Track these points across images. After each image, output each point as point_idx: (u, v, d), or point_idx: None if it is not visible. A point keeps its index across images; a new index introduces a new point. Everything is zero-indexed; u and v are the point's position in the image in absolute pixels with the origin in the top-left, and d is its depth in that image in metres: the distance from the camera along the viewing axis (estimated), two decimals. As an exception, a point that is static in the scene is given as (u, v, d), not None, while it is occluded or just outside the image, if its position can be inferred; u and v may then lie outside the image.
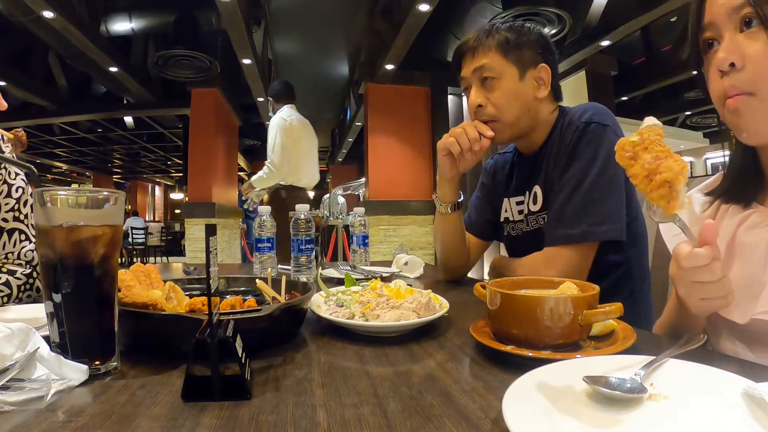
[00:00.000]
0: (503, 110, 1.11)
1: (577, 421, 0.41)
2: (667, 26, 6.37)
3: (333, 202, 7.61)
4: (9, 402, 0.44)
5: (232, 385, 0.48)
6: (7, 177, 1.03)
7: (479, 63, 1.12)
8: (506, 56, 1.10)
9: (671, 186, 0.51)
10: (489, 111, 1.12)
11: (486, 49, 1.11)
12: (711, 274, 0.55)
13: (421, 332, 0.73)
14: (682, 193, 0.51)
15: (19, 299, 0.97)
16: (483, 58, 1.11)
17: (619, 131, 1.04)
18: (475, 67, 1.12)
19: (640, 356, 0.51)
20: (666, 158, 0.52)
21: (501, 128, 1.12)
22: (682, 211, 0.52)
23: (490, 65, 1.11)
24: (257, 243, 1.31)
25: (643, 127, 0.55)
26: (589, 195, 0.99)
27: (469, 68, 1.14)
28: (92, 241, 0.54)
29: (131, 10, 5.91)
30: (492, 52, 1.11)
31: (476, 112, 1.13)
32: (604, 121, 1.03)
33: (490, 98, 1.11)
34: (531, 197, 1.15)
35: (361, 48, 6.88)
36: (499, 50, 1.11)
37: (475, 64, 1.12)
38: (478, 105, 1.12)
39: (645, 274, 1.13)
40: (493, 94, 1.11)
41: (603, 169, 1.00)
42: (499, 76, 1.11)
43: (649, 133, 0.54)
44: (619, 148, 0.55)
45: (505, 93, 1.11)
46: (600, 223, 0.99)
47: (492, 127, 1.12)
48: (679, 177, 0.51)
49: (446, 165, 1.17)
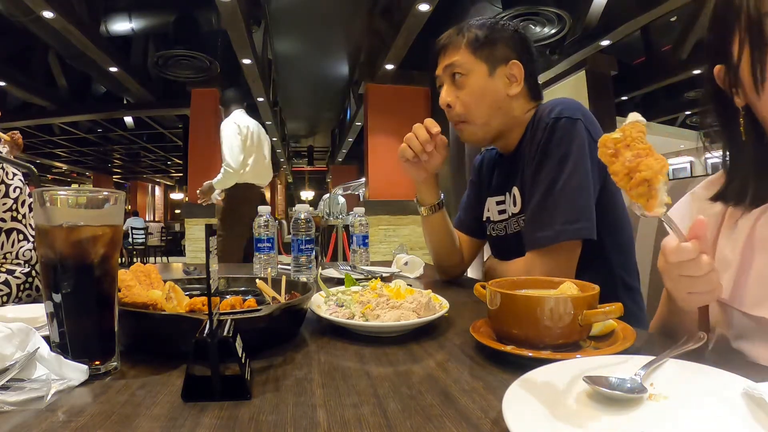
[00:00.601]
0: (471, 109, 1.10)
1: (577, 421, 0.41)
2: (667, 26, 6.37)
3: (333, 202, 7.62)
4: (9, 402, 0.44)
5: (232, 385, 0.47)
6: (5, 177, 1.03)
7: (449, 60, 1.11)
8: (475, 53, 1.09)
9: (650, 184, 0.51)
10: (458, 111, 1.11)
11: (455, 46, 1.11)
12: (698, 269, 0.55)
13: (421, 332, 0.73)
14: (661, 192, 0.51)
15: (19, 298, 0.97)
16: (453, 55, 1.11)
17: (591, 124, 1.02)
18: (445, 64, 1.12)
19: (640, 356, 0.51)
20: (647, 156, 0.52)
21: (472, 129, 1.12)
22: (661, 210, 0.51)
23: (459, 62, 1.10)
24: (257, 243, 1.31)
25: (626, 124, 0.55)
26: (561, 195, 0.97)
27: (441, 66, 1.13)
28: (92, 241, 0.54)
29: (131, 10, 5.92)
30: (462, 49, 1.10)
31: (447, 113, 1.13)
32: (573, 116, 1.00)
33: (460, 96, 1.11)
34: (511, 199, 1.13)
35: (361, 48, 6.88)
36: (469, 47, 1.10)
37: (445, 61, 1.12)
38: (447, 105, 1.12)
39: (633, 278, 1.11)
40: (462, 92, 1.10)
41: (575, 167, 0.98)
42: (467, 72, 1.09)
43: (631, 129, 0.53)
44: (601, 145, 0.55)
45: (473, 90, 1.10)
46: (572, 221, 0.96)
47: (462, 128, 1.12)
48: (658, 176, 0.50)
49: (411, 170, 1.17)
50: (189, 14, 5.71)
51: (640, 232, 1.32)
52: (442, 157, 1.15)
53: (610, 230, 1.04)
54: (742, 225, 0.68)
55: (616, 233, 1.06)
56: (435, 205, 1.21)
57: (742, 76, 0.64)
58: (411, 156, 1.12)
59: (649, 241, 1.29)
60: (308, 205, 1.41)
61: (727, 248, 0.70)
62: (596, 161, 1.00)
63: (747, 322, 0.67)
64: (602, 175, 1.02)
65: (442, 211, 1.23)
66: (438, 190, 1.22)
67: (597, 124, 1.03)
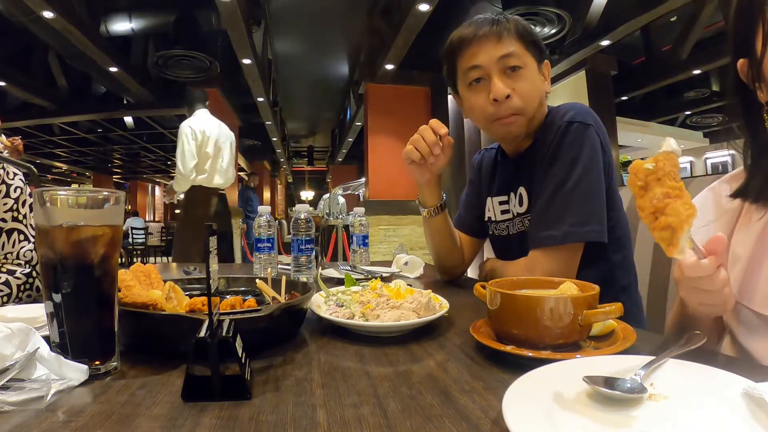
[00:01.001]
0: (528, 102, 1.05)
1: (577, 421, 0.41)
2: (667, 26, 6.38)
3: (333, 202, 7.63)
4: (9, 402, 0.44)
5: (232, 385, 0.47)
6: (6, 177, 1.03)
7: (506, 50, 1.04)
8: (527, 46, 1.06)
9: (674, 232, 0.50)
10: (515, 103, 1.04)
11: (511, 35, 1.05)
12: (712, 284, 0.56)
13: (421, 332, 0.73)
14: (683, 240, 0.50)
15: (19, 299, 0.97)
16: (509, 45, 1.04)
17: (601, 131, 1.02)
18: (501, 54, 1.04)
19: (640, 356, 0.51)
20: (676, 198, 0.50)
21: (521, 123, 1.07)
22: (680, 255, 0.51)
23: (517, 53, 1.04)
24: (257, 243, 1.31)
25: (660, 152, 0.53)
26: (571, 196, 0.97)
27: (491, 55, 1.04)
28: (92, 241, 0.54)
29: (131, 10, 5.92)
30: (515, 39, 1.05)
31: (501, 105, 1.05)
32: (586, 121, 1.01)
33: (516, 89, 1.04)
34: (516, 199, 1.13)
35: (361, 48, 6.88)
36: (521, 39, 1.05)
37: (501, 50, 1.04)
38: (506, 96, 1.04)
39: (630, 278, 1.11)
40: (519, 84, 1.04)
41: (586, 170, 0.98)
42: (524, 65, 1.05)
43: (665, 161, 0.52)
44: (632, 173, 0.53)
45: (531, 84, 1.05)
46: (582, 224, 0.96)
47: (513, 121, 1.06)
48: (683, 225, 0.49)
49: (416, 172, 1.14)
50: (189, 14, 5.71)
51: (640, 231, 1.32)
52: (447, 158, 1.12)
53: (611, 229, 1.04)
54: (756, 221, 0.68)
55: (616, 232, 1.06)
56: (437, 207, 1.19)
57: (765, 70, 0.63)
58: (418, 158, 1.09)
59: (649, 241, 1.28)
60: (308, 205, 1.41)
61: (739, 244, 0.70)
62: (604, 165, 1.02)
63: (755, 319, 0.67)
64: (608, 178, 1.03)
65: (444, 213, 1.21)
66: (440, 192, 1.20)
67: (604, 129, 1.04)
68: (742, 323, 0.70)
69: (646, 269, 1.28)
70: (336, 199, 7.78)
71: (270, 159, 14.36)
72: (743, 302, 0.68)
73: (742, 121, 0.71)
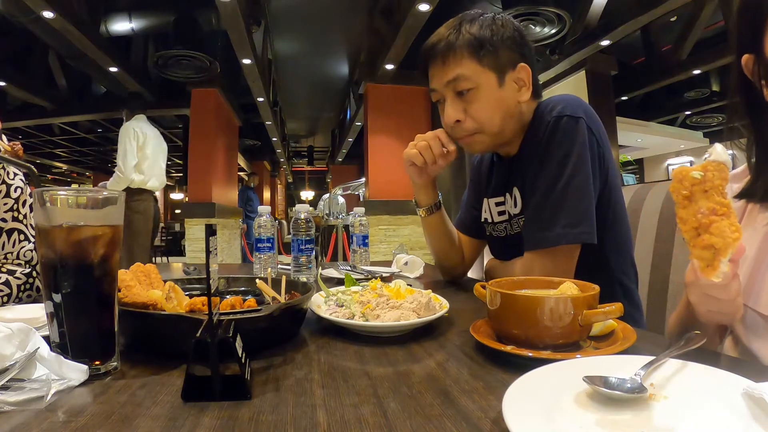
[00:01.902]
0: (484, 123, 1.02)
1: (577, 421, 0.41)
2: (667, 26, 6.38)
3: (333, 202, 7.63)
4: (9, 402, 0.44)
5: (232, 385, 0.47)
6: (6, 177, 1.03)
7: (452, 74, 1.00)
8: (481, 62, 0.99)
9: (716, 254, 0.48)
10: (468, 126, 1.03)
11: (457, 56, 0.99)
12: (725, 293, 0.55)
13: (421, 332, 0.73)
14: (723, 264, 0.48)
15: (19, 299, 0.97)
16: (456, 67, 0.99)
17: (594, 122, 0.99)
18: (447, 79, 1.00)
19: (640, 356, 0.51)
20: (722, 218, 0.48)
21: (482, 139, 1.05)
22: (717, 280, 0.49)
23: (464, 75, 0.99)
24: (257, 243, 1.31)
25: (710, 160, 0.50)
26: (563, 196, 0.95)
27: (440, 80, 1.02)
28: (92, 241, 0.54)
29: (131, 10, 5.91)
30: (465, 59, 0.99)
31: (453, 128, 1.04)
32: (575, 114, 0.97)
33: (469, 111, 1.01)
34: (512, 200, 1.11)
35: (361, 48, 6.88)
36: (473, 56, 0.98)
37: (447, 75, 1.00)
38: (456, 120, 1.02)
39: (630, 279, 1.10)
40: (471, 107, 1.01)
41: (576, 168, 0.95)
42: (476, 86, 0.99)
43: (714, 172, 0.49)
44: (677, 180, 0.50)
45: (484, 104, 1.00)
46: (574, 225, 0.94)
47: (472, 140, 1.05)
48: (728, 248, 0.47)
49: (414, 173, 1.15)
50: (189, 14, 5.71)
51: (639, 230, 1.31)
52: (447, 164, 1.13)
53: (609, 228, 1.03)
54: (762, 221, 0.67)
55: (616, 231, 1.05)
56: (432, 206, 1.20)
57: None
58: (421, 163, 1.10)
59: (649, 241, 1.28)
60: (308, 205, 1.41)
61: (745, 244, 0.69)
62: (598, 158, 0.99)
63: (760, 320, 0.67)
64: (604, 171, 1.01)
65: (440, 212, 1.21)
66: (436, 192, 1.20)
67: (598, 119, 1.01)
68: (747, 325, 0.69)
69: (646, 269, 1.27)
70: (336, 199, 7.78)
71: (270, 159, 14.37)
72: (748, 304, 0.67)
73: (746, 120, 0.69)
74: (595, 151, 0.98)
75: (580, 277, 0.71)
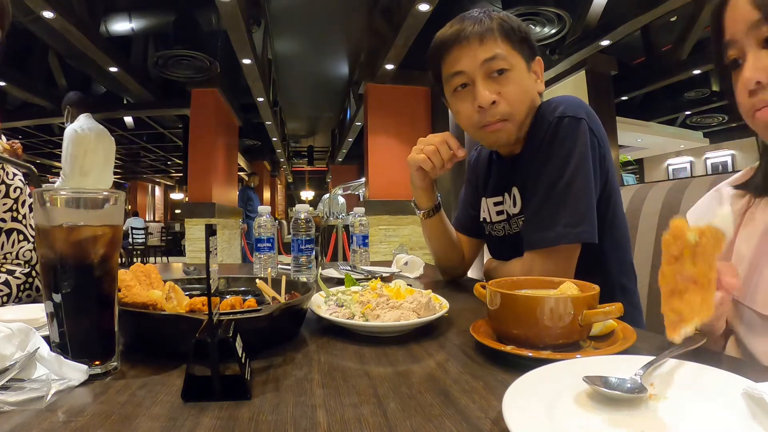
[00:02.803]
0: (516, 107, 1.00)
1: (577, 421, 0.41)
2: (667, 26, 6.38)
3: (333, 202, 7.63)
4: (9, 402, 0.44)
5: (232, 385, 0.47)
6: (5, 177, 1.03)
7: (491, 53, 0.98)
8: (514, 46, 0.99)
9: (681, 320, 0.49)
10: (502, 108, 0.99)
11: (495, 36, 0.98)
12: None
13: (421, 332, 0.73)
14: (684, 332, 0.50)
15: (19, 298, 0.97)
16: (493, 46, 0.98)
17: (595, 123, 0.99)
18: (485, 57, 0.98)
19: (640, 356, 0.51)
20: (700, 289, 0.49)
21: (510, 129, 1.02)
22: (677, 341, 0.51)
23: (502, 55, 0.98)
24: (257, 243, 1.31)
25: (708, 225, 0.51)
26: (563, 196, 0.95)
27: (473, 59, 0.99)
28: (92, 241, 0.54)
29: (131, 10, 5.92)
30: (500, 41, 0.98)
31: (487, 111, 1.00)
32: (577, 115, 0.97)
33: (503, 93, 0.99)
34: (511, 199, 1.10)
35: (361, 48, 6.88)
36: (507, 39, 0.99)
37: (484, 53, 0.98)
38: (492, 102, 0.98)
39: (630, 280, 1.10)
40: (506, 88, 0.99)
41: (577, 169, 0.95)
42: (512, 67, 0.99)
43: (709, 239, 0.50)
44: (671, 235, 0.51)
45: (518, 87, 1.00)
46: (574, 225, 0.94)
47: (500, 127, 1.01)
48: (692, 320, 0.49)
49: (419, 177, 1.14)
50: (189, 14, 5.71)
51: (639, 230, 1.31)
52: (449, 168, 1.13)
53: (609, 229, 1.03)
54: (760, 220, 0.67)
55: (615, 232, 1.05)
56: (432, 209, 1.20)
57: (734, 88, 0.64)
58: (430, 168, 1.10)
59: (649, 240, 1.28)
60: (308, 205, 1.41)
61: (744, 243, 0.69)
62: (599, 159, 0.99)
63: (758, 320, 0.67)
64: (604, 172, 1.01)
65: (439, 213, 1.21)
66: (435, 194, 1.20)
67: (599, 121, 1.01)
68: (745, 324, 0.69)
69: (646, 270, 1.27)
70: (336, 199, 7.78)
71: (270, 159, 14.37)
72: (745, 303, 0.67)
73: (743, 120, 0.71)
74: (596, 152, 0.98)
75: (579, 278, 0.71)
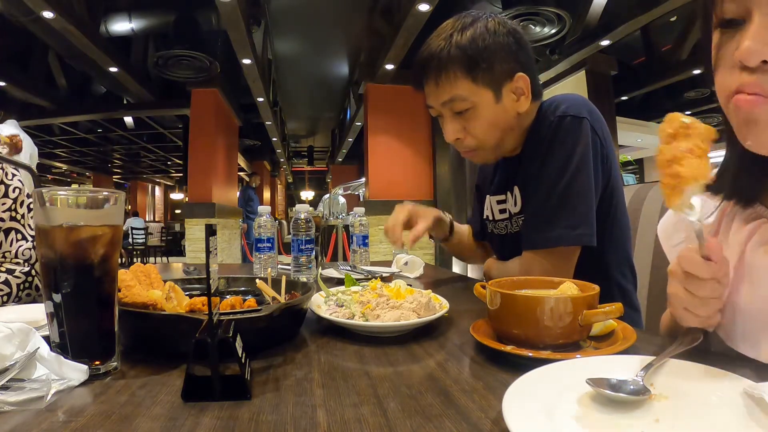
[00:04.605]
0: (483, 139, 1.02)
1: (577, 421, 0.41)
2: (667, 26, 6.38)
3: (333, 202, 7.62)
4: (9, 402, 0.44)
5: (232, 385, 0.47)
6: (4, 177, 1.03)
7: (447, 96, 0.98)
8: (476, 80, 0.96)
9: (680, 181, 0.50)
10: (469, 143, 1.03)
11: (450, 76, 0.96)
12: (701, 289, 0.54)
13: (421, 332, 0.73)
14: (686, 195, 0.50)
15: (19, 298, 0.97)
16: (450, 88, 0.97)
17: (598, 122, 0.98)
18: (443, 100, 0.99)
19: (641, 356, 0.51)
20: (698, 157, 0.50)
21: (484, 154, 1.06)
22: (680, 211, 0.51)
23: (460, 96, 0.97)
24: (257, 243, 1.31)
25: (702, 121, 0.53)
26: (564, 197, 0.94)
27: (436, 99, 1.01)
28: (92, 241, 0.54)
29: (131, 10, 5.91)
30: (459, 79, 0.96)
31: (455, 144, 1.06)
32: (579, 114, 0.96)
33: (468, 129, 1.01)
34: (512, 198, 1.11)
35: (361, 48, 6.88)
36: (467, 75, 0.95)
37: (442, 96, 0.99)
38: (456, 139, 1.03)
39: (629, 280, 1.09)
40: (470, 124, 1.00)
41: (578, 168, 0.94)
42: (473, 105, 0.98)
43: (702, 126, 0.52)
44: (666, 121, 0.52)
45: (483, 122, 0.99)
46: (573, 227, 0.94)
47: (472, 155, 1.07)
48: (691, 180, 0.49)
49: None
50: (189, 14, 5.71)
51: (639, 230, 1.31)
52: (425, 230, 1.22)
53: (609, 229, 1.03)
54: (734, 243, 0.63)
55: (615, 232, 1.05)
56: (446, 236, 1.32)
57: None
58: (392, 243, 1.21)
59: (649, 241, 1.28)
60: (308, 205, 1.41)
61: None
62: (601, 158, 0.99)
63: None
64: (607, 171, 1.00)
65: (453, 235, 1.32)
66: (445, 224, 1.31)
67: (602, 119, 1.00)
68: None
69: (646, 270, 1.27)
70: (336, 199, 7.78)
71: (270, 159, 14.37)
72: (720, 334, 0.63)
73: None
74: (598, 151, 0.98)
75: (578, 278, 0.71)
